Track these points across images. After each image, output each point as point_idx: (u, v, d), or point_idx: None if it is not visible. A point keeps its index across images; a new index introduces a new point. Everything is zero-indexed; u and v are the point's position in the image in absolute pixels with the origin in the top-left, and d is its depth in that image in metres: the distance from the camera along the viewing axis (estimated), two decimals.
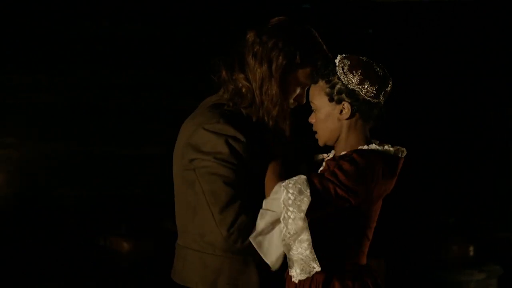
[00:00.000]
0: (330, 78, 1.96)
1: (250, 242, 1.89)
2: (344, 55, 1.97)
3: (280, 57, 1.98)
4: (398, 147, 2.02)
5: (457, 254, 4.46)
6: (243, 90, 2.01)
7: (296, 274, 1.90)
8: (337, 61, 1.96)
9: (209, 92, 4.63)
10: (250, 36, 2.04)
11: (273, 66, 1.99)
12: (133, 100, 4.24)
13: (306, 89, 2.07)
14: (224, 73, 2.07)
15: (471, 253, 4.47)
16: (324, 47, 2.06)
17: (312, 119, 2.04)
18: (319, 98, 1.99)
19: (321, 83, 1.98)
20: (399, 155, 2.01)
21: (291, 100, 2.06)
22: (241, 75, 2.02)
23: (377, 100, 1.95)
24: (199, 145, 1.96)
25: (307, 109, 2.09)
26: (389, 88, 1.98)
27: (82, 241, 4.04)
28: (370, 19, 4.64)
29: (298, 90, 2.05)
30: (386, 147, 1.99)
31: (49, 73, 4.07)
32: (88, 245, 4.00)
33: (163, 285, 3.81)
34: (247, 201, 1.93)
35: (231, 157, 1.93)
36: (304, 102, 2.08)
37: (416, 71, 4.74)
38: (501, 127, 4.78)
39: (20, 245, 4.02)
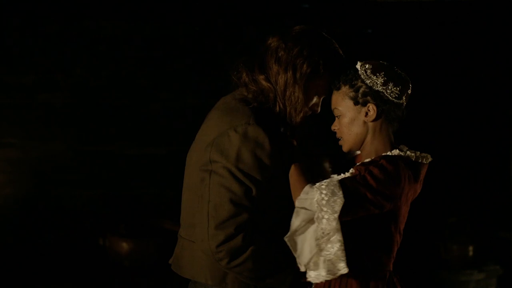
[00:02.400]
0: (353, 82, 1.99)
1: (235, 265, 1.92)
2: (362, 61, 2.01)
3: (305, 65, 2.01)
4: (422, 153, 2.05)
5: (457, 254, 4.46)
6: (265, 90, 2.03)
7: (321, 276, 1.89)
8: (358, 66, 1.99)
9: (210, 92, 4.65)
10: (273, 41, 2.06)
11: (298, 74, 2.01)
12: (134, 100, 4.24)
13: (321, 99, 2.10)
14: (245, 74, 2.06)
15: (471, 253, 4.47)
16: (343, 58, 2.08)
17: (335, 126, 2.07)
18: (343, 103, 2.02)
19: (344, 88, 2.01)
20: (422, 161, 2.05)
21: (307, 109, 2.07)
22: (262, 76, 2.03)
23: (400, 101, 1.99)
24: (225, 148, 1.95)
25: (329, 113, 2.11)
26: (410, 90, 2.01)
27: (82, 241, 4.04)
28: (370, 19, 4.64)
29: (315, 99, 2.07)
30: (408, 152, 2.02)
31: (49, 73, 4.06)
32: (88, 245, 4.00)
33: (163, 284, 3.83)
34: (250, 221, 1.93)
35: (252, 169, 1.93)
36: (319, 111, 2.11)
37: (416, 71, 4.73)
38: (501, 127, 4.78)
39: (20, 245, 4.01)
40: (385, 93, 1.96)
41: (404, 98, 1.99)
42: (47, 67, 4.02)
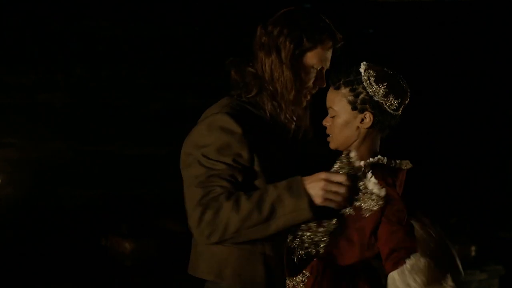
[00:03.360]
0: (354, 86, 1.98)
1: (221, 234, 1.88)
2: (367, 64, 1.99)
3: (287, 43, 2.00)
4: (402, 160, 2.06)
5: (459, 254, 4.43)
6: (248, 79, 2.03)
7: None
8: (362, 70, 1.98)
9: (210, 92, 4.63)
10: (257, 31, 2.08)
11: (282, 54, 2.00)
12: (135, 100, 4.24)
13: (323, 71, 2.07)
14: (233, 72, 2.09)
15: (473, 253, 4.47)
16: (331, 26, 2.07)
17: (327, 122, 2.06)
18: (340, 105, 2.01)
19: (344, 90, 1.99)
20: (401, 166, 2.06)
21: (310, 84, 2.05)
22: (248, 67, 2.05)
23: (397, 113, 1.99)
24: (195, 138, 2.00)
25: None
26: (407, 101, 2.01)
27: (84, 241, 4.04)
28: (371, 19, 4.64)
29: (313, 73, 2.05)
30: (386, 160, 2.03)
31: (50, 72, 4.06)
32: (90, 245, 4.00)
33: (165, 284, 3.82)
34: (219, 193, 1.91)
35: (216, 152, 1.94)
36: (325, 85, 2.07)
37: (417, 71, 4.74)
38: (501, 127, 4.78)
39: (21, 245, 4.01)
40: (384, 104, 1.96)
41: (401, 109, 1.99)
42: (47, 67, 4.02)
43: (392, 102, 1.96)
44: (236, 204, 1.87)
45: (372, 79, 1.96)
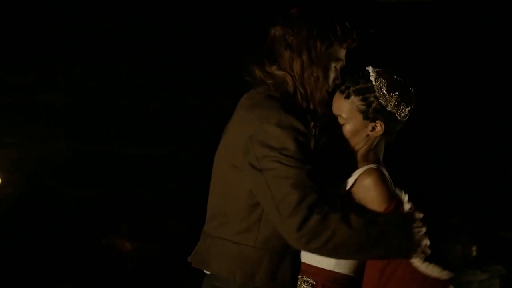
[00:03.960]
0: (366, 95, 1.95)
1: (321, 244, 1.87)
2: (376, 70, 1.97)
3: (318, 44, 2.00)
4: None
5: (460, 254, 4.45)
6: (282, 79, 2.02)
7: None
8: (372, 78, 1.96)
9: (210, 92, 4.62)
10: (277, 30, 2.04)
11: (313, 54, 2.00)
12: (134, 100, 4.24)
13: (339, 68, 2.07)
14: (257, 70, 2.03)
15: (474, 253, 4.46)
16: (347, 24, 2.08)
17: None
18: (351, 114, 1.98)
19: (355, 99, 1.97)
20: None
21: (331, 83, 2.05)
22: (274, 67, 2.02)
23: (406, 119, 1.99)
24: (266, 142, 1.93)
25: None
26: (415, 105, 2.00)
27: (84, 241, 4.04)
28: (373, 19, 4.64)
29: (335, 71, 2.05)
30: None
31: (50, 72, 4.07)
32: (90, 245, 4.00)
33: (165, 284, 3.82)
34: (318, 197, 1.89)
35: (298, 153, 1.91)
36: (340, 80, 2.07)
37: (419, 71, 4.73)
38: (503, 127, 4.78)
39: (23, 245, 4.01)
40: (396, 113, 1.95)
41: (409, 115, 1.99)
42: (47, 67, 4.03)
43: (404, 110, 1.95)
44: (346, 217, 1.88)
45: (384, 88, 1.93)
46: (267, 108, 1.97)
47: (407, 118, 1.98)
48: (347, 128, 2.00)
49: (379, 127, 1.97)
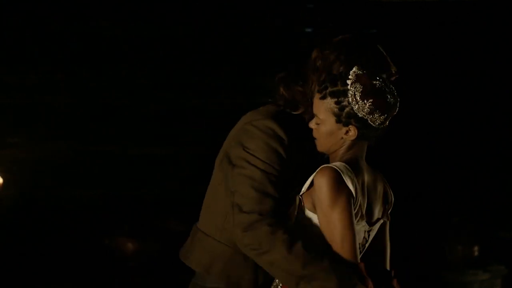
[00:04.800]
0: (340, 99, 1.92)
1: (264, 251, 1.86)
2: (356, 73, 1.93)
3: (342, 68, 1.97)
4: None
5: (462, 254, 4.44)
6: (297, 97, 2.02)
7: None
8: (349, 81, 1.92)
9: (210, 92, 4.62)
10: (314, 53, 2.05)
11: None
12: (134, 100, 4.24)
13: None
14: (282, 89, 2.05)
15: (476, 253, 4.44)
16: (387, 59, 2.04)
17: (313, 125, 2.03)
18: (325, 115, 1.96)
19: (330, 101, 1.94)
20: None
21: None
22: (298, 87, 2.03)
23: (382, 126, 1.95)
24: (244, 141, 1.97)
25: None
26: (396, 112, 1.97)
27: (85, 241, 4.04)
28: (374, 19, 4.64)
29: None
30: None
31: (50, 73, 4.07)
32: (91, 245, 4.00)
33: (168, 284, 3.81)
34: (276, 210, 1.90)
35: (272, 160, 1.93)
36: None
37: (420, 71, 4.72)
38: (504, 127, 4.76)
39: (24, 245, 4.01)
40: (368, 120, 1.92)
41: (387, 122, 1.95)
42: (47, 67, 4.03)
43: (377, 118, 1.91)
44: (291, 242, 1.86)
45: (358, 94, 1.89)
46: (258, 112, 2.01)
47: (384, 125, 1.97)
48: (322, 129, 1.98)
49: (353, 132, 1.94)
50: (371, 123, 1.92)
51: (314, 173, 1.93)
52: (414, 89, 4.66)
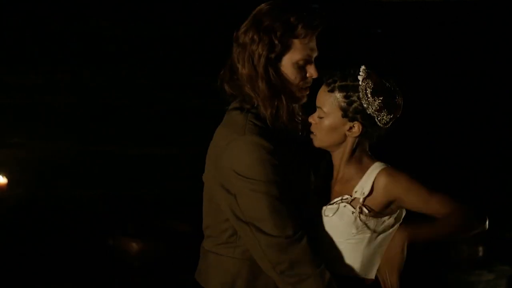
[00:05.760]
0: (349, 93, 1.92)
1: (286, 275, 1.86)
2: (367, 71, 1.93)
3: (259, 49, 1.89)
4: None
5: (467, 255, 4.42)
6: (244, 92, 1.95)
7: None
8: (360, 78, 1.92)
9: (210, 92, 4.60)
10: (235, 37, 2.02)
11: (255, 62, 1.89)
12: (134, 100, 4.25)
13: (312, 60, 1.95)
14: (227, 87, 2.00)
15: (481, 254, 4.42)
16: (305, 13, 1.93)
17: (313, 120, 2.00)
18: (331, 109, 1.95)
19: (338, 94, 1.94)
20: None
21: (299, 83, 1.94)
22: (232, 82, 1.97)
23: (387, 126, 1.96)
24: (235, 166, 1.88)
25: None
26: (399, 114, 1.98)
27: (86, 241, 4.04)
28: (379, 18, 4.63)
29: (299, 69, 1.93)
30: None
31: (50, 73, 4.09)
32: (92, 245, 4.00)
33: (172, 285, 3.80)
34: (295, 224, 1.88)
35: (266, 174, 1.87)
36: (317, 75, 1.95)
37: (421, 71, 4.71)
38: (509, 126, 4.74)
39: (27, 245, 4.02)
40: (376, 118, 1.93)
41: (391, 123, 1.96)
42: (47, 67, 4.05)
43: (384, 117, 1.93)
44: (322, 274, 1.88)
45: (369, 90, 1.90)
46: (234, 126, 1.91)
47: (388, 125, 1.95)
48: (325, 123, 1.96)
49: (357, 128, 1.94)
50: (378, 121, 1.92)
51: (373, 178, 1.92)
52: (415, 89, 4.65)
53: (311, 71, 1.95)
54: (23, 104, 4.05)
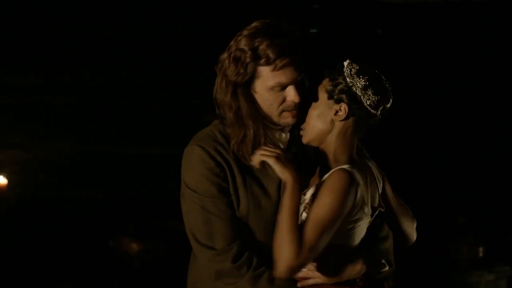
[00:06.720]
0: (335, 77, 1.93)
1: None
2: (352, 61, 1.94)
3: (228, 76, 1.90)
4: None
5: (467, 255, 4.42)
6: (220, 110, 1.99)
7: None
8: (345, 63, 1.93)
9: (210, 92, 4.59)
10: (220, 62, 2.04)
11: (224, 89, 1.93)
12: (134, 100, 4.25)
13: (291, 87, 1.90)
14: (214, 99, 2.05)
15: (481, 254, 4.42)
16: (284, 42, 1.87)
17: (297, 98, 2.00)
18: (318, 95, 1.95)
19: (325, 81, 1.95)
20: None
21: (280, 107, 1.91)
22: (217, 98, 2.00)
23: (374, 112, 1.92)
24: (182, 172, 1.96)
25: None
26: (389, 105, 1.95)
27: (86, 241, 4.04)
28: (379, 19, 4.63)
29: (275, 95, 1.90)
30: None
31: (50, 73, 4.10)
32: (92, 245, 4.00)
33: (171, 285, 3.80)
34: (228, 239, 1.91)
35: (201, 185, 1.90)
36: (298, 100, 1.90)
37: (421, 71, 4.71)
38: (509, 126, 4.74)
39: (27, 245, 4.02)
40: (362, 97, 1.90)
41: (379, 110, 1.93)
42: (48, 67, 4.06)
43: (371, 97, 1.90)
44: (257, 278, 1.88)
45: (353, 70, 1.90)
46: (201, 130, 2.00)
47: (377, 110, 1.91)
48: (313, 112, 1.95)
49: (343, 111, 1.91)
50: (364, 101, 1.90)
51: (329, 173, 1.89)
52: (415, 89, 4.65)
53: (290, 97, 1.92)
54: (23, 104, 4.06)
